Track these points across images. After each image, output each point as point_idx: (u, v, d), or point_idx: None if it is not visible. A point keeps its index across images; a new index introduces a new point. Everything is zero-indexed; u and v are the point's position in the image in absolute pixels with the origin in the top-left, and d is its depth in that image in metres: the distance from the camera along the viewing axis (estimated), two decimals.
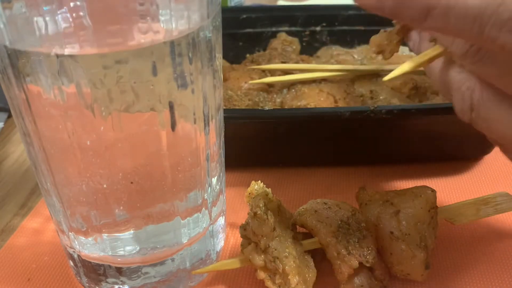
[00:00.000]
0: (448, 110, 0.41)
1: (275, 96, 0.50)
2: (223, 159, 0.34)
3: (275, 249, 0.31)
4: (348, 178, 0.46)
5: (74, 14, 0.24)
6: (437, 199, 0.34)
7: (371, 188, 0.36)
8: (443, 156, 0.48)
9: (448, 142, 0.46)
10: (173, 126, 0.28)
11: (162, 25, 0.26)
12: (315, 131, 0.44)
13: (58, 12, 0.24)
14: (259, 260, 0.31)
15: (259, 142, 0.45)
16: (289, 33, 0.60)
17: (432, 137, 0.45)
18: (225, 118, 0.34)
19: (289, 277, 0.30)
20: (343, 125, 0.43)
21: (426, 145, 0.46)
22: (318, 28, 0.61)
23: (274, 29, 0.60)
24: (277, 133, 0.44)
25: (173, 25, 0.26)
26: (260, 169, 0.46)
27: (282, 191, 0.44)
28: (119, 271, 0.32)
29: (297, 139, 0.45)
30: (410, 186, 0.34)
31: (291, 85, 0.51)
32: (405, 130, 0.45)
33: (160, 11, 0.26)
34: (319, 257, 0.33)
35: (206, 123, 0.30)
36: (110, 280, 0.32)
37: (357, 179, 0.46)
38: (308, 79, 0.51)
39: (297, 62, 0.55)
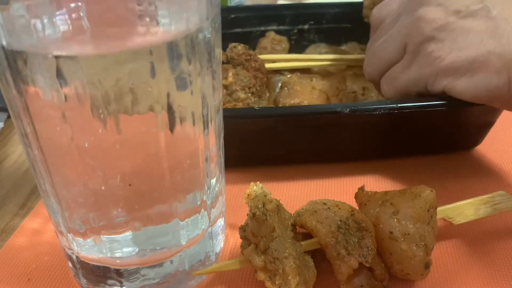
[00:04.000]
0: (440, 104, 0.43)
1: (268, 95, 0.51)
2: (222, 161, 0.34)
3: (275, 250, 0.31)
4: (347, 178, 0.46)
5: (72, 16, 0.24)
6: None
7: (370, 184, 0.36)
8: (437, 149, 0.49)
9: (441, 135, 0.47)
10: (171, 127, 0.28)
11: (160, 26, 0.26)
12: (312, 128, 0.45)
13: (57, 13, 0.24)
14: (259, 261, 0.31)
15: (255, 140, 0.45)
16: (278, 32, 0.61)
17: (425, 130, 0.46)
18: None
19: (289, 277, 0.30)
20: (338, 121, 0.44)
21: (420, 138, 0.47)
22: (306, 27, 0.62)
23: (262, 28, 0.61)
24: (272, 131, 0.44)
25: (172, 26, 0.26)
26: (259, 170, 0.46)
27: (281, 192, 0.44)
28: (118, 273, 0.32)
29: (294, 137, 0.45)
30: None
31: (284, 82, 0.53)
32: (400, 125, 0.46)
33: (159, 12, 0.25)
34: (319, 257, 0.33)
35: (205, 125, 0.30)
36: (109, 281, 0.32)
37: (356, 178, 0.46)
38: (306, 66, 0.54)
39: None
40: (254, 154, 0.46)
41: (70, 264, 0.34)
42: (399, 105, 0.41)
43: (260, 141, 0.45)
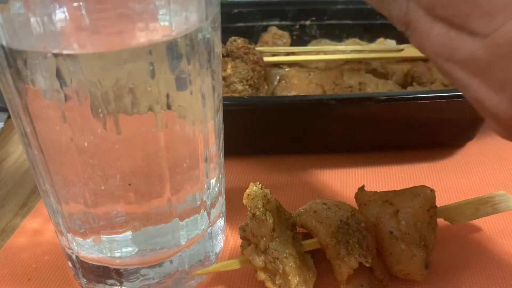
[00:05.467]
0: (432, 97, 0.43)
1: (266, 87, 0.51)
2: (222, 161, 0.34)
3: (275, 250, 0.31)
4: (347, 177, 0.46)
5: (72, 14, 0.24)
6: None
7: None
8: (428, 143, 0.50)
9: (433, 129, 0.48)
10: (171, 127, 0.28)
11: (160, 25, 0.26)
12: (308, 119, 0.46)
13: (56, 12, 0.24)
14: (259, 261, 0.31)
15: (253, 131, 0.46)
16: (280, 27, 0.62)
17: (417, 124, 0.47)
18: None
19: (290, 277, 0.30)
20: (333, 113, 0.45)
21: (411, 132, 0.48)
22: (307, 22, 0.63)
23: (265, 23, 0.62)
24: (274, 121, 0.46)
25: (172, 26, 0.26)
26: (259, 171, 0.47)
27: (281, 192, 0.44)
28: (118, 272, 0.32)
29: (295, 128, 0.46)
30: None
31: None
32: (393, 117, 0.46)
33: (159, 11, 0.26)
34: (319, 257, 0.33)
35: (205, 125, 0.30)
36: (108, 281, 0.32)
37: (352, 173, 0.47)
38: (304, 60, 0.54)
39: (287, 55, 0.57)
40: (244, 142, 0.47)
41: (70, 264, 0.34)
42: (384, 97, 0.42)
43: (251, 130, 0.46)
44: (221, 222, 0.36)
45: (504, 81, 0.20)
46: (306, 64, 0.55)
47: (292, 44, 0.61)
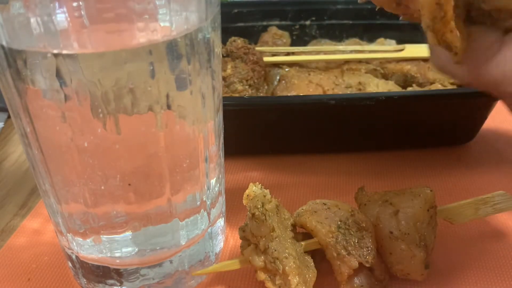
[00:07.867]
0: (433, 97, 0.44)
1: (266, 87, 0.52)
2: (222, 161, 0.34)
3: (275, 250, 0.31)
4: (347, 177, 0.46)
5: (72, 14, 0.24)
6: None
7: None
8: (429, 143, 0.50)
9: (433, 129, 0.48)
10: (171, 127, 0.28)
11: (160, 25, 0.26)
12: (308, 119, 0.46)
13: (56, 12, 0.24)
14: (259, 261, 0.31)
15: (254, 130, 0.47)
16: (280, 27, 0.62)
17: (417, 124, 0.47)
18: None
19: (289, 277, 0.30)
20: (334, 112, 0.45)
21: (411, 132, 0.48)
22: (307, 22, 0.63)
23: (265, 23, 0.63)
24: (274, 121, 0.46)
25: (172, 26, 0.26)
26: (259, 171, 0.47)
27: (281, 192, 0.44)
28: (118, 272, 0.32)
29: (295, 128, 0.47)
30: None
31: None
32: (393, 117, 0.47)
33: (159, 11, 0.26)
34: (319, 257, 0.33)
35: (205, 125, 0.30)
36: (108, 281, 0.32)
37: (352, 172, 0.47)
38: (304, 60, 0.55)
39: (287, 55, 0.57)
40: (244, 142, 0.47)
41: (70, 264, 0.34)
42: (384, 97, 0.42)
43: (251, 130, 0.46)
44: (221, 222, 0.36)
45: None
46: (306, 64, 0.55)
47: (292, 44, 0.61)
